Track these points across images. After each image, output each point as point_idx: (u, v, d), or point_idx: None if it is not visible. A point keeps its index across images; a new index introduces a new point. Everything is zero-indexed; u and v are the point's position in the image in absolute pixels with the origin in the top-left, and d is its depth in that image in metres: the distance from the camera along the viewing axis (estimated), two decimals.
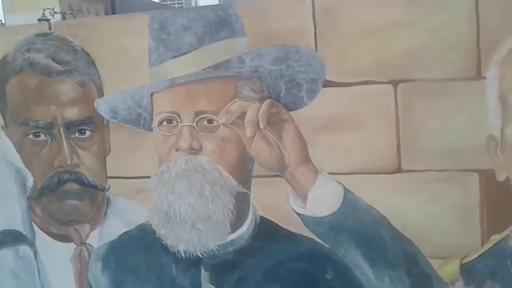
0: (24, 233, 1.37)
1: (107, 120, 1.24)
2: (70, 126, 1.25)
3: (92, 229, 1.32)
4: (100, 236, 1.31)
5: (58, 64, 1.22)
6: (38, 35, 1.26)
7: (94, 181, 1.27)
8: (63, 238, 1.35)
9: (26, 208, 1.36)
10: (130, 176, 1.23)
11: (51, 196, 1.30)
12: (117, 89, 1.14)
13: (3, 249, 1.39)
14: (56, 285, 1.35)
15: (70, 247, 1.34)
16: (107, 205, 1.31)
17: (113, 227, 1.29)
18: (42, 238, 1.36)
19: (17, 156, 1.32)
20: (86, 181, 1.27)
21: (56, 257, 1.35)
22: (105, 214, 1.32)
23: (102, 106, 1.19)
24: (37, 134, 1.28)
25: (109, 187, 1.28)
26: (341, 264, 1.05)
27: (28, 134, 1.28)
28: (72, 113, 1.25)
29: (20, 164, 1.32)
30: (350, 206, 1.02)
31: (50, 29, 1.25)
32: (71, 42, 1.24)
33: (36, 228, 1.36)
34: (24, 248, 1.37)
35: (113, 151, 1.24)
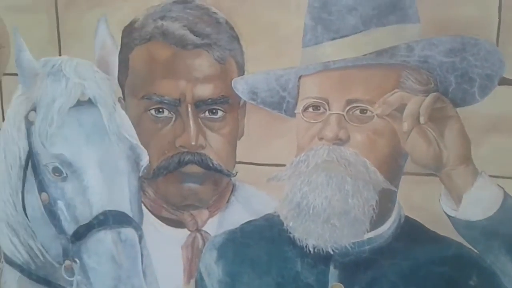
0: (130, 215, 1.64)
1: (244, 101, 1.47)
2: (200, 105, 1.49)
3: (210, 216, 1.56)
4: (220, 224, 1.55)
5: (196, 36, 1.45)
6: (176, 2, 1.49)
7: (220, 165, 1.50)
8: (176, 223, 1.61)
9: (137, 188, 1.59)
10: (262, 163, 1.48)
11: (167, 178, 1.56)
12: (261, 68, 1.37)
13: (102, 230, 1.62)
14: (161, 273, 1.59)
15: (182, 233, 1.60)
16: (232, 192, 1.56)
17: (235, 216, 1.53)
18: (150, 222, 1.62)
19: (133, 132, 1.57)
20: (210, 165, 1.50)
21: (164, 243, 1.60)
22: (228, 201, 1.57)
23: (241, 86, 1.41)
24: (160, 110, 1.54)
25: (236, 173, 1.53)
26: (488, 270, 1.23)
27: (150, 109, 1.55)
28: (205, 90, 1.48)
29: (135, 141, 1.57)
30: (508, 212, 1.18)
31: None
32: (214, 13, 1.47)
33: (145, 211, 1.61)
34: (127, 231, 1.58)
35: (246, 135, 1.49)
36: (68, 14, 1.57)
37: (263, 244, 1.47)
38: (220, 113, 1.50)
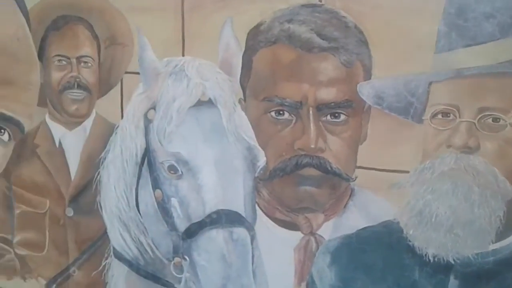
0: (243, 215, 1.76)
1: (369, 106, 1.60)
2: (322, 108, 1.63)
3: (326, 220, 1.70)
4: (335, 228, 1.68)
5: (323, 39, 1.60)
6: (304, 5, 1.63)
7: (339, 169, 1.64)
8: (289, 225, 1.75)
9: (252, 189, 1.74)
10: (384, 169, 1.60)
11: (284, 180, 1.71)
12: (389, 73, 1.50)
13: (214, 229, 1.74)
14: (272, 274, 1.72)
15: (296, 235, 1.73)
16: (350, 197, 1.69)
17: (352, 221, 1.65)
18: (263, 223, 1.76)
19: (251, 133, 1.72)
20: (329, 168, 1.64)
21: (277, 244, 1.74)
22: (345, 205, 1.70)
23: (366, 90, 1.53)
24: (281, 112, 1.69)
25: (355, 177, 1.66)
26: None
27: (270, 111, 1.70)
28: (328, 94, 1.63)
29: (253, 142, 1.73)
30: None
31: (320, 0, 1.63)
32: (343, 17, 1.61)
33: (259, 212, 1.76)
34: (239, 231, 1.71)
35: (369, 140, 1.63)
36: (193, 16, 1.75)
37: (380, 250, 1.56)
38: (342, 117, 1.64)
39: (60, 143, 1.97)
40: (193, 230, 1.70)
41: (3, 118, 2.04)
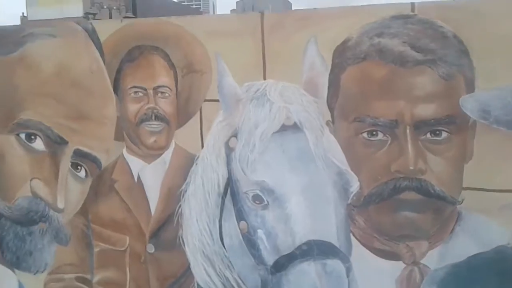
0: (337, 245, 1.75)
1: (474, 121, 1.55)
2: (421, 126, 1.59)
3: (430, 248, 1.64)
4: (441, 257, 1.62)
5: (418, 52, 1.56)
6: (395, 17, 1.61)
7: (443, 192, 1.59)
8: (389, 255, 1.71)
9: (344, 217, 1.74)
10: (494, 189, 1.54)
11: (381, 205, 1.67)
12: (495, 84, 1.47)
13: (305, 261, 1.75)
14: None
15: (397, 266, 1.69)
16: (456, 221, 1.63)
17: (460, 248, 1.59)
18: (360, 253, 1.73)
19: (342, 156, 1.73)
20: (431, 191, 1.59)
21: (376, 276, 1.71)
22: (452, 231, 1.64)
23: (470, 104, 1.50)
24: (374, 132, 1.66)
25: (462, 200, 1.60)
26: None
27: (362, 132, 1.68)
28: (427, 110, 1.59)
29: (344, 166, 1.73)
30: None
31: (412, 10, 1.58)
32: (440, 26, 1.57)
33: (354, 241, 1.75)
34: (333, 263, 1.71)
35: (475, 158, 1.57)
36: (273, 37, 1.76)
37: (493, 280, 1.53)
38: (444, 135, 1.59)
39: (139, 177, 2.00)
40: (283, 263, 1.70)
41: (80, 154, 2.11)
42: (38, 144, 2.00)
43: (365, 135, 1.65)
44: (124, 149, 2.00)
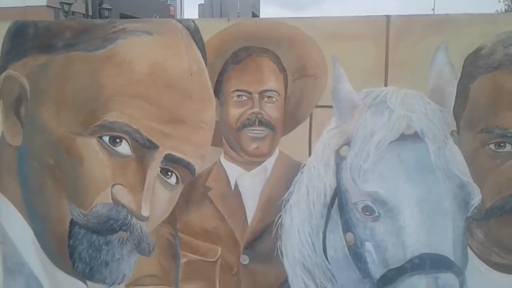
0: (452, 259, 1.76)
1: None
2: None
3: None
4: None
5: None
6: None
7: None
8: (508, 268, 1.73)
9: (463, 230, 1.75)
10: None
11: (502, 219, 1.69)
12: None
13: (416, 275, 1.77)
14: None
15: None
16: None
17: None
18: (475, 267, 1.75)
19: (465, 168, 1.75)
20: None
21: None
22: None
23: None
24: (502, 144, 1.67)
25: None
26: None
27: (489, 144, 1.69)
28: None
29: (467, 178, 1.75)
30: None
31: None
32: None
33: (471, 254, 1.75)
34: (447, 277, 1.74)
35: None
36: (400, 43, 1.77)
37: None
38: None
39: (236, 184, 1.98)
40: (391, 277, 1.72)
41: (171, 159, 2.09)
42: (124, 148, 1.95)
43: (492, 146, 1.68)
44: (222, 155, 1.98)
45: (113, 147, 1.92)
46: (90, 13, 16.28)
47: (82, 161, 1.97)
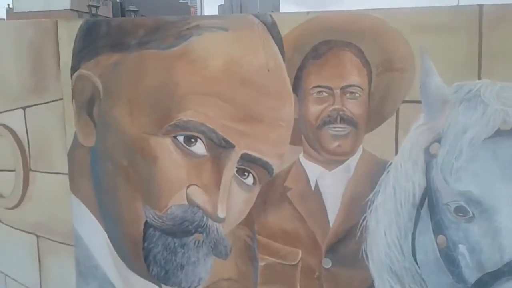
0: None
1: None
2: None
3: None
4: None
5: None
6: None
7: None
8: None
9: None
10: None
11: None
12: None
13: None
14: None
15: None
16: None
17: None
18: None
19: None
20: None
21: None
22: None
23: None
24: None
25: None
26: None
27: None
28: None
29: None
30: None
31: None
32: None
33: None
34: None
35: None
36: (494, 33, 1.69)
37: None
38: None
39: (316, 184, 1.93)
40: (487, 281, 1.66)
41: (248, 159, 2.05)
42: (199, 147, 1.91)
43: None
44: (301, 154, 1.93)
45: (188, 147, 1.89)
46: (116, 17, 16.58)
47: (156, 161, 1.96)
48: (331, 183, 1.86)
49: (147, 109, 1.92)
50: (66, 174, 2.21)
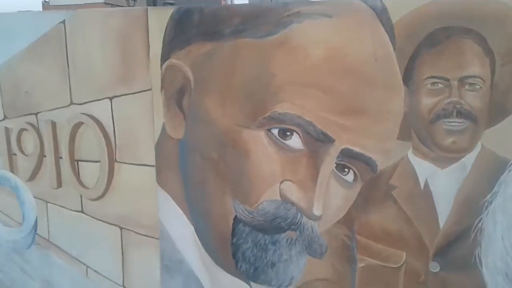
0: None
1: None
2: None
3: None
4: None
5: None
6: None
7: None
8: None
9: None
10: None
11: None
12: None
13: None
14: None
15: None
16: None
17: None
18: None
19: None
20: None
21: None
22: None
23: None
24: None
25: None
26: None
27: None
28: None
29: None
30: None
31: None
32: None
33: None
34: None
35: None
36: None
37: None
38: None
39: (426, 183, 1.76)
40: None
41: (349, 154, 1.88)
42: (295, 141, 1.79)
43: None
44: (410, 150, 1.76)
45: (283, 140, 1.77)
46: None
47: (249, 155, 1.85)
48: (443, 182, 1.69)
49: (240, 100, 1.79)
50: (153, 166, 2.08)
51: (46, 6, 28.26)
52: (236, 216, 1.88)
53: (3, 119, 2.53)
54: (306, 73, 1.73)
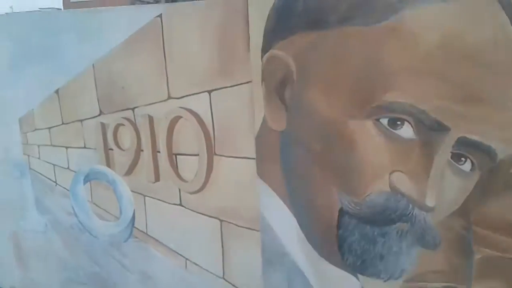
0: None
1: None
2: None
3: None
4: None
5: None
6: None
7: None
8: None
9: None
10: None
11: None
12: None
13: None
14: None
15: None
16: None
17: None
18: None
19: None
20: None
21: None
22: None
23: None
24: None
25: None
26: None
27: None
28: None
29: None
30: None
31: None
32: None
33: None
34: None
35: None
36: None
37: None
38: None
39: None
40: None
41: (466, 143, 1.77)
42: (406, 131, 1.72)
43: None
44: None
45: (393, 130, 1.70)
46: None
47: (356, 146, 1.80)
48: None
49: (347, 90, 1.75)
50: (253, 158, 2.02)
51: (66, 2, 28.53)
52: (341, 208, 1.84)
53: (99, 115, 2.53)
54: (420, 60, 1.65)
